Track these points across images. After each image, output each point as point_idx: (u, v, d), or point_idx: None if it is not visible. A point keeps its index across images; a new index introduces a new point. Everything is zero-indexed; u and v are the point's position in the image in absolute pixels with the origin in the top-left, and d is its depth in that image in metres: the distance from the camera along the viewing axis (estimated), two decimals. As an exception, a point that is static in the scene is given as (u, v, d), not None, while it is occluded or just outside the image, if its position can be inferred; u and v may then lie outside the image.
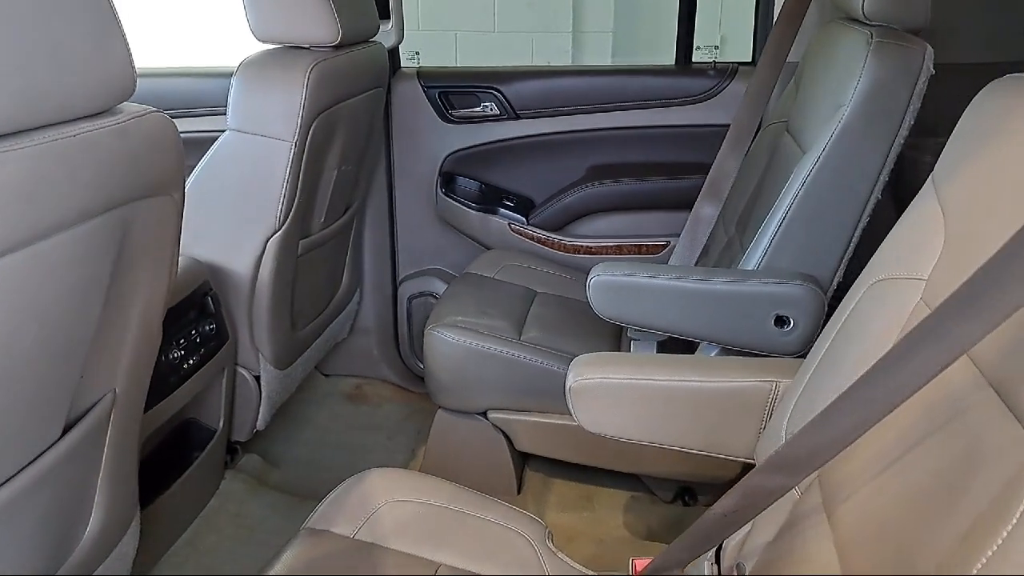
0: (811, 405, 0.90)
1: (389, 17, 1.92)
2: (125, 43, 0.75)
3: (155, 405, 1.27)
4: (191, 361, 1.39)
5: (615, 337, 1.68)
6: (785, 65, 1.63)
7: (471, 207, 2.04)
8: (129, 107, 0.78)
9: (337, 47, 1.54)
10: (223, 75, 1.68)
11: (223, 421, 1.58)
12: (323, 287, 1.90)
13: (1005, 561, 0.53)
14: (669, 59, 2.05)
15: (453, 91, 2.02)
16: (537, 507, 1.67)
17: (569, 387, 1.11)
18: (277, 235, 1.52)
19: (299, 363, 1.79)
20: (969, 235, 0.78)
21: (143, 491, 1.13)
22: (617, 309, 1.42)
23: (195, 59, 2.34)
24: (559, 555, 1.03)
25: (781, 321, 1.34)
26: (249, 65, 1.49)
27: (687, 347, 1.55)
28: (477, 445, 1.67)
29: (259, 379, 1.65)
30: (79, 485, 0.95)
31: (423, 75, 2.02)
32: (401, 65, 2.07)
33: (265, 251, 1.53)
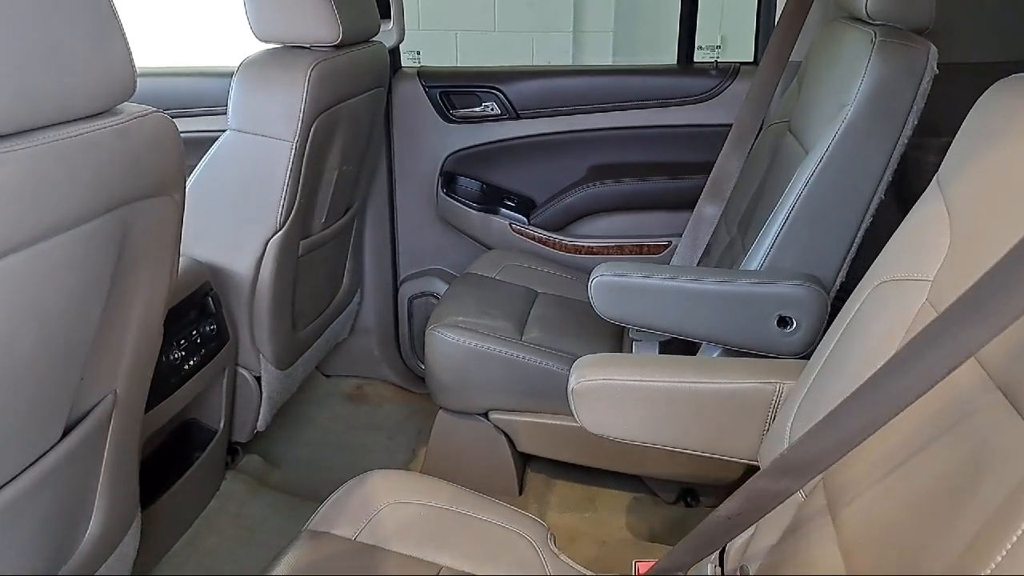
0: (815, 407, 0.90)
1: (390, 17, 1.92)
2: (125, 43, 0.74)
3: (156, 406, 1.26)
4: (192, 362, 1.38)
5: (617, 338, 1.68)
6: (787, 65, 1.63)
7: (472, 207, 2.03)
8: (129, 107, 0.78)
9: (338, 47, 1.53)
10: (223, 75, 1.67)
11: (224, 422, 1.58)
12: (324, 287, 1.90)
13: (1015, 566, 0.53)
14: (670, 59, 2.05)
15: (454, 91, 2.02)
16: (539, 508, 1.66)
17: (572, 389, 1.11)
18: (278, 235, 1.52)
19: (300, 363, 1.79)
20: (975, 236, 0.78)
21: (144, 492, 1.13)
22: (619, 310, 1.42)
23: (195, 59, 2.33)
24: (561, 557, 1.03)
25: (784, 322, 1.34)
26: (250, 65, 1.49)
27: (689, 347, 1.55)
28: (478, 446, 1.67)
29: (260, 379, 1.65)
30: (80, 486, 0.95)
31: (424, 75, 2.02)
32: (402, 65, 2.06)
33: (266, 251, 1.52)
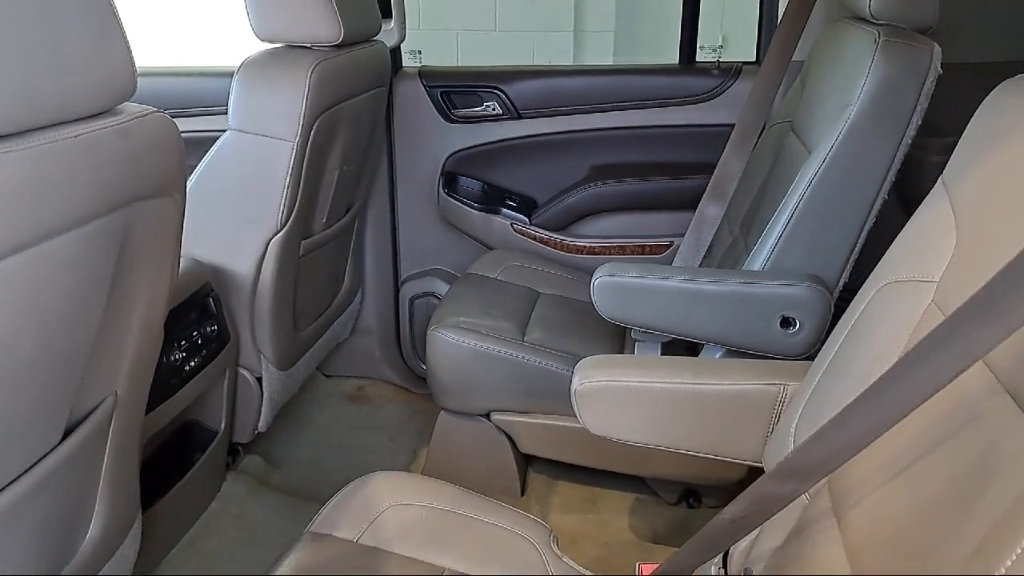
0: (820, 409, 0.89)
1: (391, 16, 1.91)
2: (126, 43, 0.74)
3: (156, 407, 1.26)
4: (193, 362, 1.38)
5: (619, 338, 1.67)
6: (790, 64, 1.62)
7: (473, 207, 2.03)
8: (130, 107, 0.78)
9: (339, 46, 1.53)
10: (224, 74, 1.67)
11: (225, 422, 1.57)
12: (325, 287, 1.89)
13: (1025, 571, 0.52)
14: (671, 59, 2.04)
15: (455, 90, 2.01)
16: (541, 509, 1.66)
17: (575, 390, 1.10)
18: (279, 236, 1.51)
19: (301, 364, 1.78)
20: (981, 237, 0.77)
21: (144, 493, 1.12)
22: (621, 310, 1.41)
23: (196, 58, 2.33)
24: (564, 559, 1.02)
25: (787, 322, 1.33)
26: (250, 64, 1.48)
27: (691, 348, 1.54)
28: (480, 447, 1.66)
29: (261, 380, 1.64)
30: (80, 488, 0.94)
31: (425, 74, 2.01)
32: (403, 64, 2.06)
33: (267, 252, 1.52)
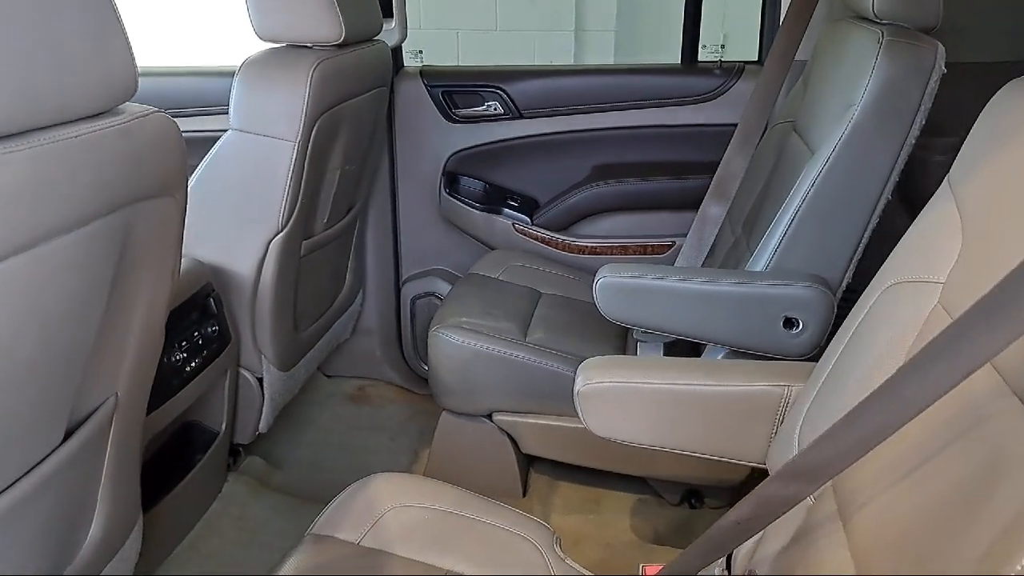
0: (824, 410, 0.89)
1: (392, 16, 1.91)
2: (127, 42, 0.73)
3: (157, 408, 1.26)
4: (194, 363, 1.37)
5: (621, 339, 1.67)
6: (792, 64, 1.61)
7: (475, 207, 2.02)
8: (131, 107, 0.77)
9: (340, 46, 1.52)
10: (225, 74, 1.66)
11: (226, 423, 1.57)
12: (326, 288, 1.89)
13: (1034, 575, 0.52)
14: (672, 58, 2.03)
15: (457, 90, 2.00)
16: (543, 510, 1.65)
17: (578, 391, 1.10)
18: (280, 236, 1.51)
19: (302, 364, 1.78)
20: (988, 237, 0.77)
21: (145, 494, 1.12)
22: (624, 311, 1.41)
23: (196, 58, 2.32)
24: (567, 561, 1.02)
25: (790, 323, 1.33)
26: (251, 64, 1.48)
27: (694, 348, 1.54)
28: (482, 448, 1.66)
29: (262, 381, 1.64)
30: (81, 490, 0.94)
31: (426, 74, 2.01)
32: (404, 64, 2.05)
33: (268, 252, 1.51)
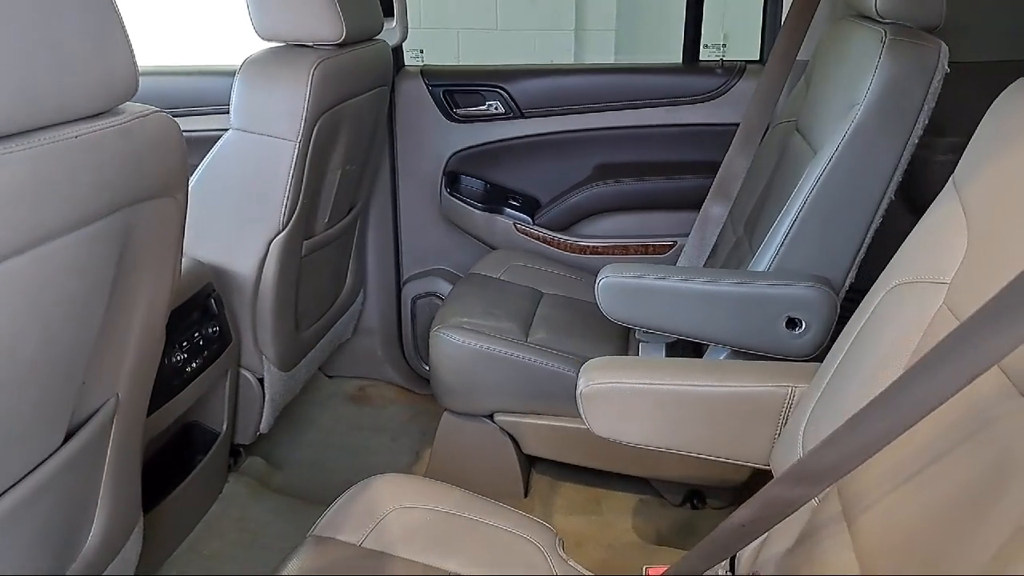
0: (829, 411, 0.88)
1: (393, 15, 1.90)
2: (127, 42, 0.73)
3: (158, 409, 1.25)
4: (194, 364, 1.37)
5: (623, 339, 1.66)
6: (794, 63, 1.61)
7: (476, 207, 2.02)
8: (131, 107, 0.77)
9: (341, 45, 1.52)
10: (226, 73, 1.66)
11: (226, 424, 1.57)
12: (327, 288, 1.88)
13: (1043, 579, 0.51)
14: (672, 57, 2.03)
15: (458, 89, 2.00)
16: (544, 511, 1.65)
17: (580, 392, 1.09)
18: (281, 236, 1.50)
19: (303, 365, 1.77)
20: (993, 237, 0.76)
21: (145, 495, 1.11)
22: (626, 311, 1.40)
23: (197, 57, 2.32)
24: (570, 562, 1.01)
25: (793, 323, 1.32)
26: (252, 63, 1.47)
27: (695, 349, 1.53)
28: (483, 448, 1.65)
29: (263, 381, 1.63)
30: (82, 491, 0.94)
31: (427, 73, 2.00)
32: (405, 63, 2.05)
33: (269, 252, 1.51)
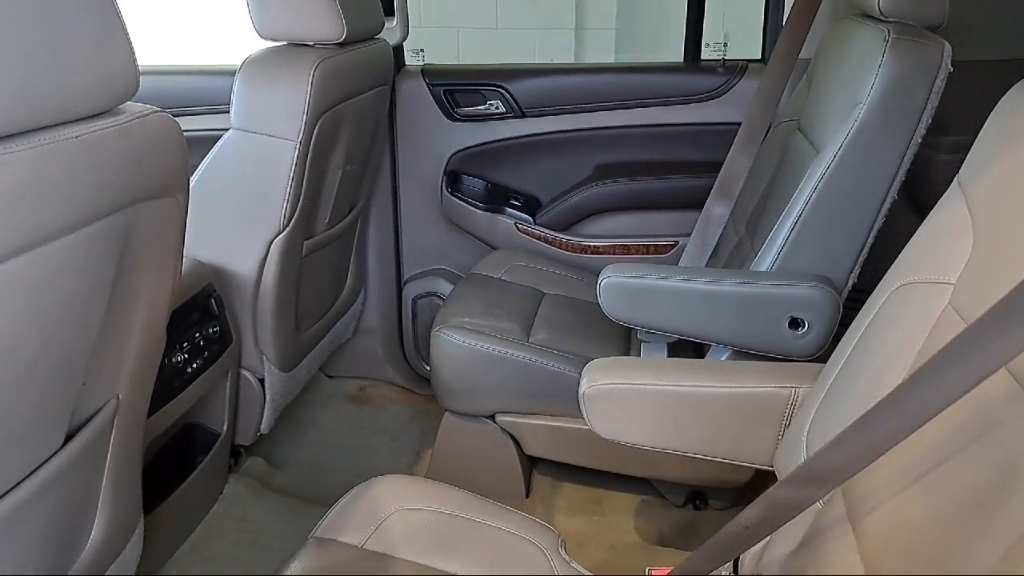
0: (833, 412, 0.88)
1: (393, 14, 1.90)
2: (128, 42, 0.72)
3: (158, 410, 1.25)
4: (195, 364, 1.37)
5: (625, 339, 1.66)
6: (796, 62, 1.61)
7: (477, 206, 2.01)
8: (132, 107, 0.76)
9: (342, 44, 1.51)
10: (226, 73, 1.65)
11: (227, 424, 1.56)
12: (327, 288, 1.88)
13: (1053, 582, 0.51)
14: (673, 56, 2.03)
15: (458, 89, 1.99)
16: (546, 511, 1.65)
17: (583, 393, 1.09)
18: (281, 236, 1.50)
19: (303, 365, 1.77)
20: (999, 238, 0.76)
21: (146, 496, 1.11)
22: (628, 311, 1.40)
23: (197, 56, 2.31)
24: (572, 564, 1.01)
25: (796, 323, 1.32)
26: (253, 63, 1.47)
27: (697, 349, 1.53)
28: (485, 449, 1.65)
29: (263, 382, 1.63)
30: (82, 493, 0.93)
31: (428, 73, 2.00)
32: (406, 63, 2.04)
33: (269, 252, 1.50)
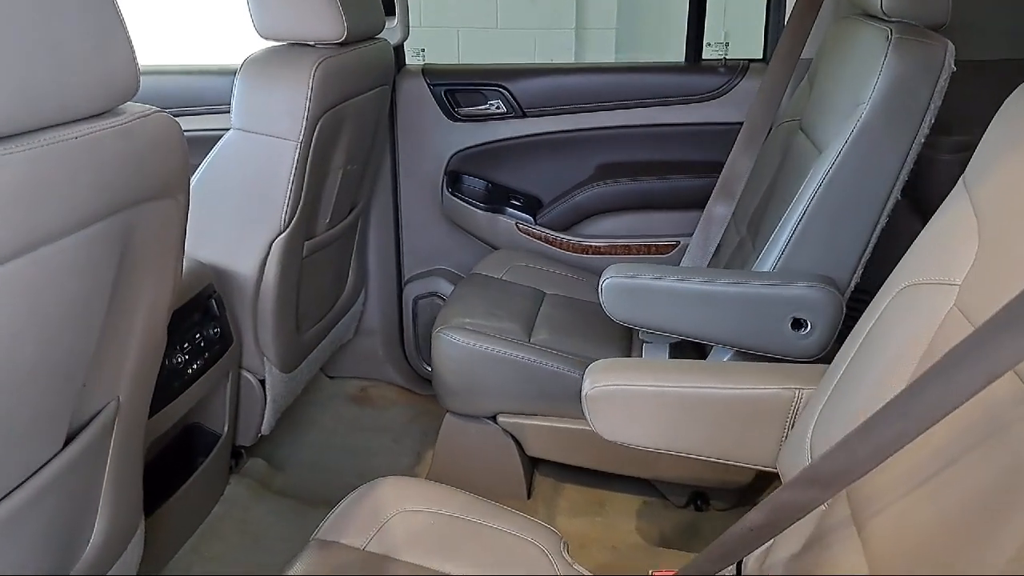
0: (838, 413, 0.87)
1: (394, 14, 1.89)
2: (128, 42, 0.72)
3: (159, 411, 1.24)
4: (195, 365, 1.36)
5: (626, 339, 1.65)
6: (798, 62, 1.60)
7: (478, 206, 2.01)
8: (132, 107, 0.76)
9: (342, 44, 1.51)
10: (227, 73, 1.65)
11: (228, 425, 1.56)
12: (328, 288, 1.88)
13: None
14: (673, 56, 2.02)
15: (459, 89, 1.99)
16: (547, 512, 1.64)
17: (585, 394, 1.08)
18: (282, 236, 1.49)
19: (304, 366, 1.76)
20: (1005, 239, 0.75)
21: (147, 498, 1.11)
22: (630, 311, 1.40)
23: (198, 56, 2.31)
24: (575, 566, 1.00)
25: (798, 324, 1.32)
26: (253, 63, 1.46)
27: (699, 349, 1.52)
28: (486, 450, 1.64)
29: (264, 382, 1.63)
30: (83, 495, 0.93)
31: (428, 72, 1.99)
32: (406, 62, 2.04)
33: (270, 253, 1.50)
